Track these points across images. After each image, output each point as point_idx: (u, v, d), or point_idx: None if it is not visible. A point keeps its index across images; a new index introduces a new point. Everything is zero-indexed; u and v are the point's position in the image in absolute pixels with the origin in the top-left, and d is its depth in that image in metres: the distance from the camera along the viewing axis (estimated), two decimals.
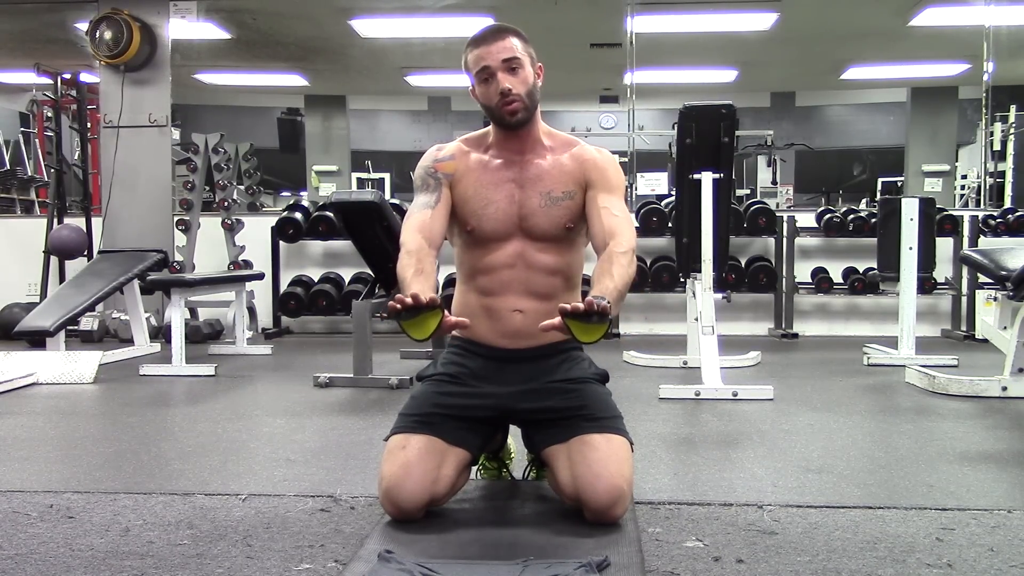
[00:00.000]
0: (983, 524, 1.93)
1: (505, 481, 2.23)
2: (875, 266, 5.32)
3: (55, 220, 6.19)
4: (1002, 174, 8.58)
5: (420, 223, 1.99)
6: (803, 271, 6.25)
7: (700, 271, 4.05)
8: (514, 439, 2.22)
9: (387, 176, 11.87)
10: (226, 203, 6.39)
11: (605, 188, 2.02)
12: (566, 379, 1.99)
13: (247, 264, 6.25)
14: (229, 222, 6.31)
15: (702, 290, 4.03)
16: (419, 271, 1.88)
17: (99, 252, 5.86)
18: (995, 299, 4.16)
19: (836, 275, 6.23)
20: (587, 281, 1.95)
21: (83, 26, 6.56)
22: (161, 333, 5.58)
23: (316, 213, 6.42)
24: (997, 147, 8.46)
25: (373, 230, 4.16)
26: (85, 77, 6.66)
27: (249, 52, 9.28)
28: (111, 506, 2.10)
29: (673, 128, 6.05)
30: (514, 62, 1.95)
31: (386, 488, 1.85)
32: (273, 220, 6.46)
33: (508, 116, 1.96)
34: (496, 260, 2.01)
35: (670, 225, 6.09)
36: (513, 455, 2.29)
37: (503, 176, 2.02)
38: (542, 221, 2.00)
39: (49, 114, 7.73)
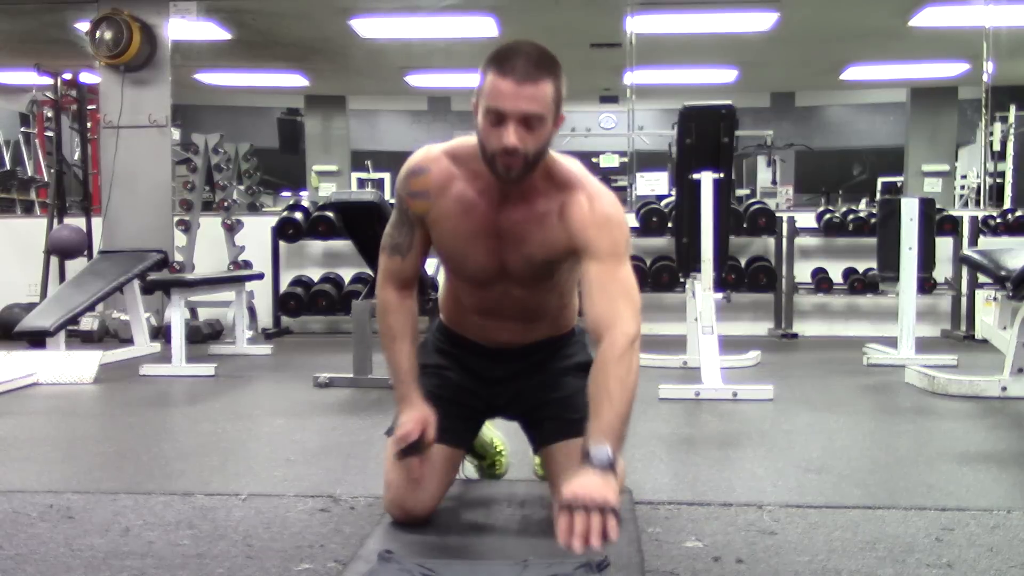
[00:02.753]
0: (983, 524, 1.93)
1: (504, 481, 2.23)
2: (875, 266, 5.32)
3: (55, 220, 6.18)
4: (1002, 174, 8.57)
5: (392, 274, 1.88)
6: (803, 271, 6.25)
7: (700, 271, 4.05)
8: (510, 440, 2.22)
9: (387, 176, 11.84)
10: (226, 203, 6.39)
11: (601, 255, 1.72)
12: (548, 377, 1.94)
13: (247, 264, 6.24)
14: (229, 222, 6.30)
15: (702, 290, 4.03)
16: (399, 338, 1.85)
17: (99, 252, 5.86)
18: (995, 299, 4.16)
19: (836, 275, 6.23)
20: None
21: (83, 26, 6.56)
22: (161, 333, 5.58)
23: (316, 213, 6.42)
24: (997, 147, 8.44)
25: (373, 230, 4.15)
26: (85, 77, 6.66)
27: (249, 52, 9.28)
28: (111, 506, 2.10)
29: (673, 128, 6.05)
30: (536, 119, 1.63)
31: (392, 498, 1.85)
32: (273, 220, 6.46)
33: (503, 171, 1.67)
34: (480, 296, 1.90)
35: (670, 225, 6.08)
36: (500, 448, 2.27)
37: (483, 227, 1.77)
38: (526, 275, 1.83)
39: (49, 114, 7.73)
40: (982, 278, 5.50)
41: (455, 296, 1.97)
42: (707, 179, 4.00)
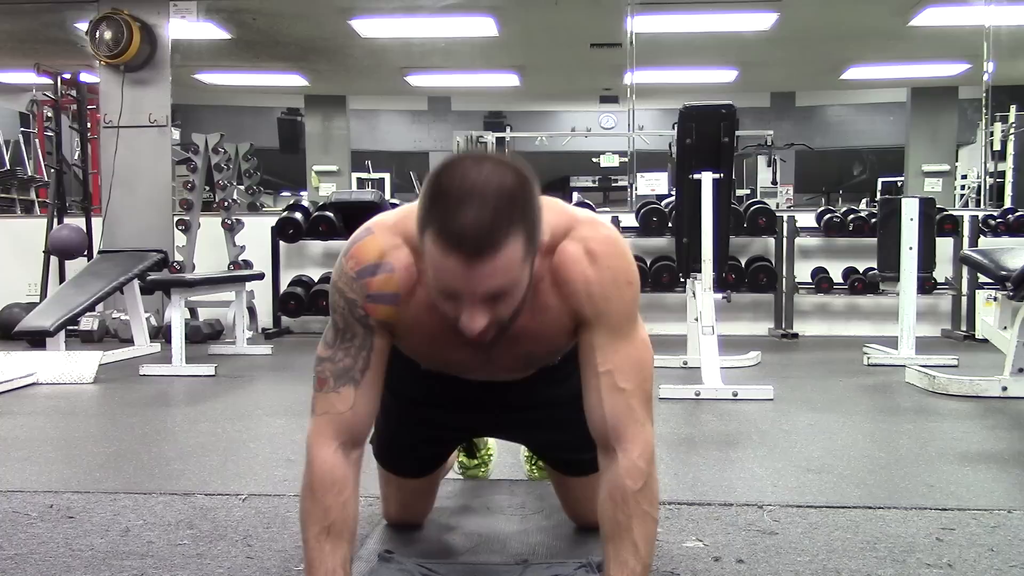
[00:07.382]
0: (983, 524, 1.93)
1: (504, 481, 2.23)
2: (875, 266, 5.32)
3: (55, 220, 6.18)
4: (1002, 174, 8.58)
5: (335, 420, 1.37)
6: (803, 271, 6.25)
7: (700, 271, 4.05)
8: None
9: (387, 176, 11.87)
10: (226, 203, 6.39)
11: (609, 327, 1.37)
12: (549, 411, 1.67)
13: (247, 264, 6.25)
14: (229, 222, 6.31)
15: (702, 290, 4.02)
16: (336, 535, 1.33)
17: (99, 252, 5.86)
18: (995, 299, 4.16)
19: (836, 275, 6.23)
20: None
21: (83, 26, 6.56)
22: (161, 333, 5.58)
23: (316, 213, 6.42)
24: (997, 147, 8.45)
25: None
26: (85, 77, 6.66)
27: (249, 52, 9.29)
28: (111, 506, 2.10)
29: (673, 128, 6.05)
30: (502, 291, 1.22)
31: (389, 513, 1.89)
32: (273, 220, 6.46)
33: (474, 342, 1.31)
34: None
35: (670, 225, 6.09)
36: (491, 451, 2.27)
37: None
38: (520, 371, 1.55)
39: (49, 114, 7.73)
40: (982, 278, 5.49)
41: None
42: (707, 179, 4.00)
